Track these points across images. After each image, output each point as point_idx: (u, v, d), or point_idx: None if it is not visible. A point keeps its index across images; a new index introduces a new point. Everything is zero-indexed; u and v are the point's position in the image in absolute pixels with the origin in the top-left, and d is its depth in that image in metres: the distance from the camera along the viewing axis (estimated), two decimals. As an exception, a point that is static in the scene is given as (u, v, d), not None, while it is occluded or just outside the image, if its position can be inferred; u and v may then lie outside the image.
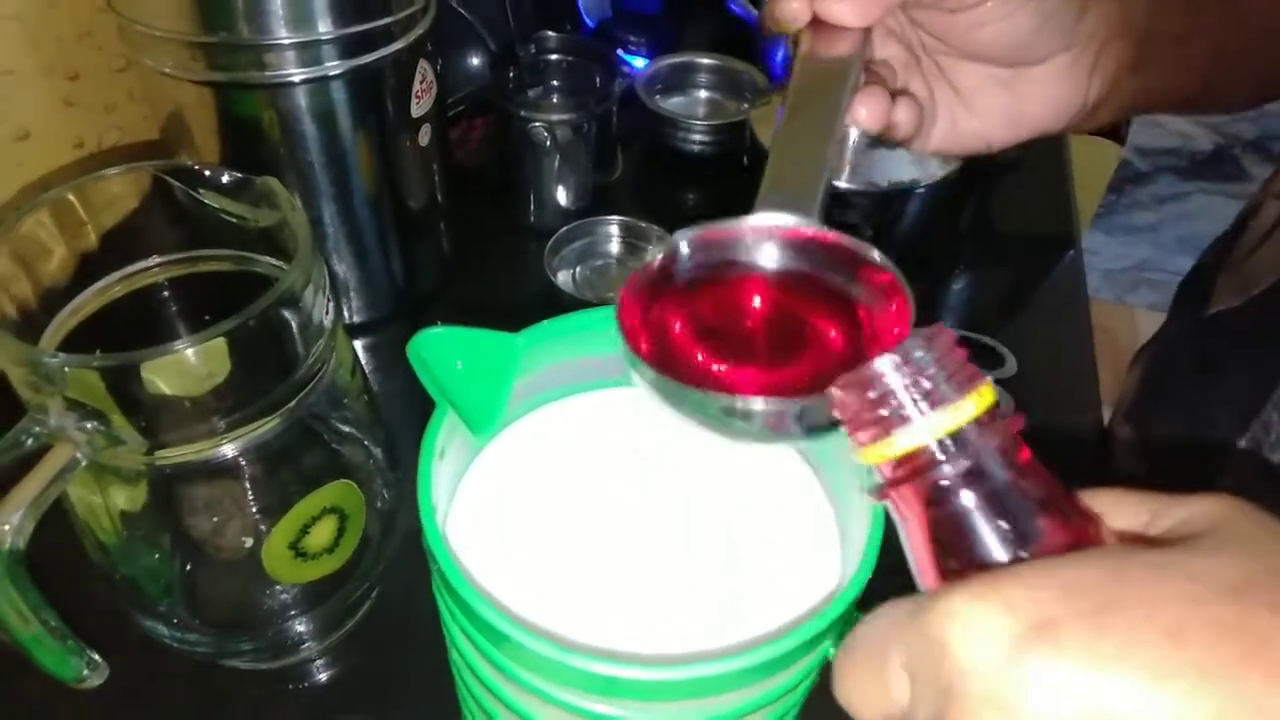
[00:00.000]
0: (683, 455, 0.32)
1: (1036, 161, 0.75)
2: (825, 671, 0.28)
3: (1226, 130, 2.33)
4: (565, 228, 0.62)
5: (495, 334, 0.29)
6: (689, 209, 0.72)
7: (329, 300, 0.36)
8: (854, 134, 0.32)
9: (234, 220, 0.37)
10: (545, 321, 0.31)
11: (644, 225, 0.63)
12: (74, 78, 0.59)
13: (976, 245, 0.70)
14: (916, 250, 0.64)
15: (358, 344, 0.60)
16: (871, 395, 0.20)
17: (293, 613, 0.40)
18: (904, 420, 0.20)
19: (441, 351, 0.28)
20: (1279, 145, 2.31)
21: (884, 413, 0.20)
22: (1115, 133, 0.73)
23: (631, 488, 0.31)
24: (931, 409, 0.20)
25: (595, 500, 0.31)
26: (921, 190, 0.60)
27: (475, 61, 0.73)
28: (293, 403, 0.35)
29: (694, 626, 0.28)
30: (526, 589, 0.28)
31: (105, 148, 0.63)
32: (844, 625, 0.25)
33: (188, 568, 0.40)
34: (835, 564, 0.29)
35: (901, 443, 0.20)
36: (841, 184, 0.59)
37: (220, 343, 0.31)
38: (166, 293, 0.39)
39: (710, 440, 0.26)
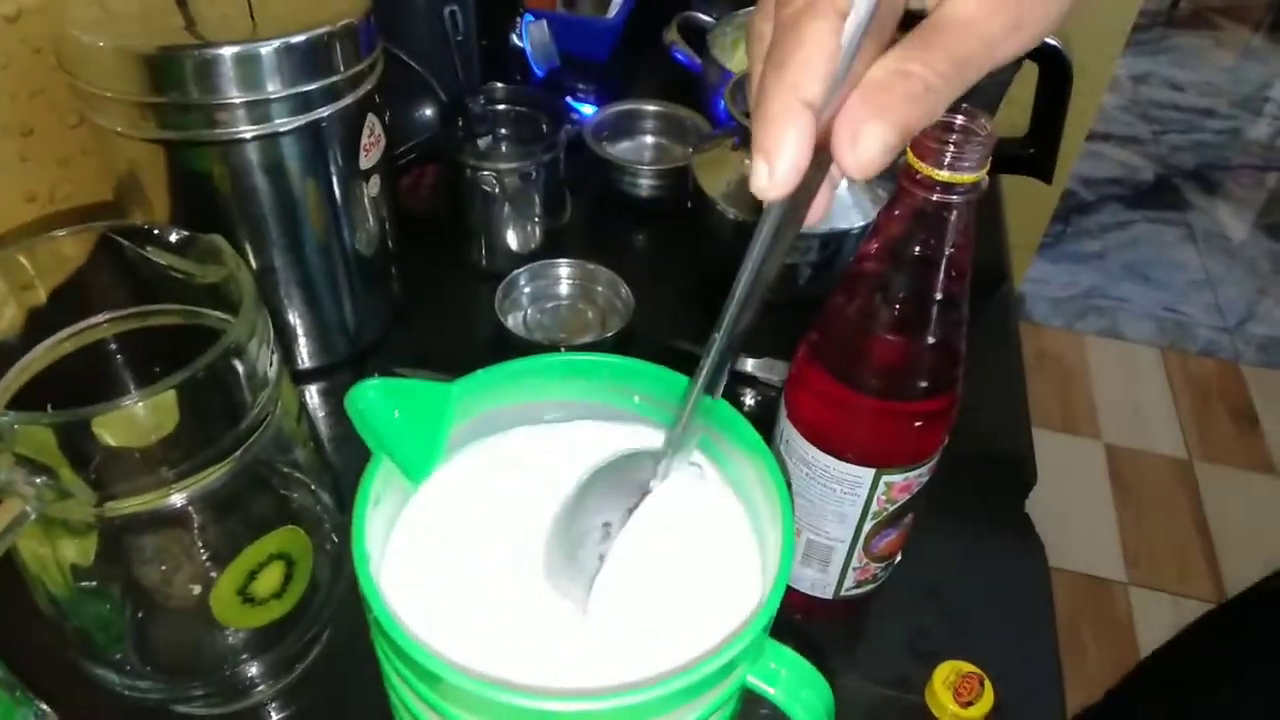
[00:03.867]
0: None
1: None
2: (748, 699, 0.30)
3: (1168, 161, 2.42)
4: (516, 271, 0.64)
5: (430, 384, 0.31)
6: (637, 250, 0.75)
7: (274, 351, 0.37)
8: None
9: (181, 276, 0.39)
10: (478, 371, 0.32)
11: (593, 267, 0.65)
12: (28, 133, 0.61)
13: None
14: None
15: (311, 389, 0.61)
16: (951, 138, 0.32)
17: (244, 657, 0.41)
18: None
19: (378, 402, 0.29)
20: (1218, 175, 2.40)
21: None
22: (1044, 173, 0.76)
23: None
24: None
25: (526, 537, 0.32)
26: (856, 231, 0.62)
27: (426, 111, 0.75)
28: (239, 451, 0.36)
29: (627, 657, 0.29)
30: (460, 627, 0.29)
31: (58, 200, 0.64)
32: (757, 651, 0.27)
33: (138, 616, 0.40)
34: (757, 592, 0.31)
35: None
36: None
37: (169, 395, 0.33)
38: (114, 346, 0.40)
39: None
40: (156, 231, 0.38)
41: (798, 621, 0.49)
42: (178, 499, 0.35)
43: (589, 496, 0.32)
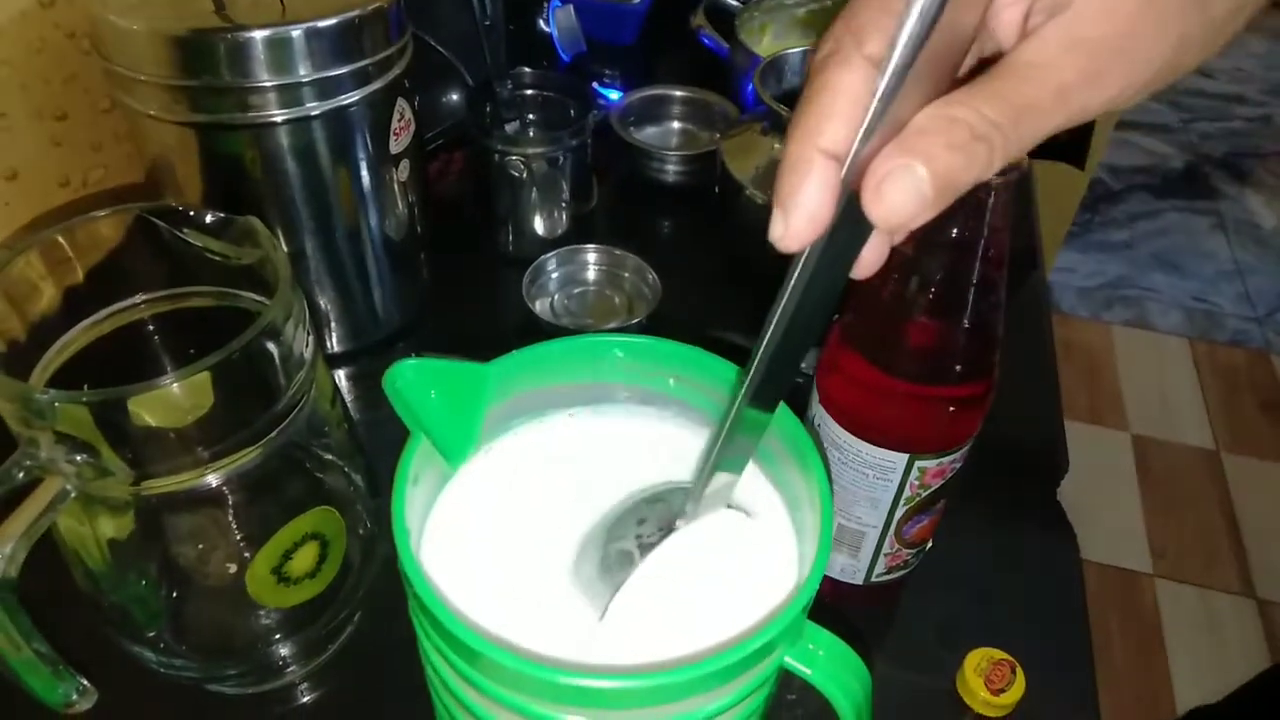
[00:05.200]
0: (649, 474, 0.33)
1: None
2: (786, 680, 0.29)
3: (1198, 149, 2.38)
4: (543, 256, 0.64)
5: (467, 365, 0.31)
6: (664, 236, 0.74)
7: (309, 333, 0.38)
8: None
9: (217, 258, 0.39)
10: (514, 352, 0.32)
11: (620, 253, 0.65)
12: (62, 118, 0.61)
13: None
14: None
15: (340, 373, 0.61)
16: None
17: (277, 637, 0.41)
18: None
19: (415, 382, 0.29)
20: (1248, 163, 2.36)
21: None
22: (1077, 158, 0.75)
23: (599, 505, 0.32)
24: None
25: (564, 518, 0.32)
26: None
27: (454, 97, 0.75)
28: (274, 433, 0.36)
29: (662, 639, 0.29)
30: (499, 605, 0.29)
31: (91, 185, 0.64)
32: (795, 633, 0.27)
33: (174, 594, 0.41)
34: (793, 575, 0.31)
35: None
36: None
37: (205, 376, 0.33)
38: (151, 328, 0.41)
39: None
40: (192, 213, 0.39)
41: (828, 606, 0.48)
42: (213, 479, 0.36)
43: (616, 523, 0.32)
